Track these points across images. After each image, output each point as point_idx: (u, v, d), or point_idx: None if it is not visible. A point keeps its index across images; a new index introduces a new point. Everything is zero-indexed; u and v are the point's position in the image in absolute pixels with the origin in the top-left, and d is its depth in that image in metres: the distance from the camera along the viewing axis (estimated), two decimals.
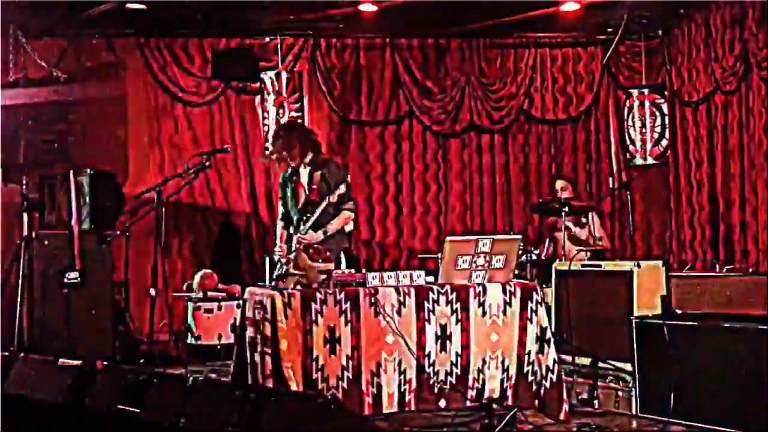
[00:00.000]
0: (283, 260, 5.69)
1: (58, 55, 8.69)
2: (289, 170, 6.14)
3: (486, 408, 5.25)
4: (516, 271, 5.84)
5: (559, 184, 8.30)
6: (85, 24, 8.51)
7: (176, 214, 9.07)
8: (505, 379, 5.31)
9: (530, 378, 5.38)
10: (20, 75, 8.51)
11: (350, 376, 5.02)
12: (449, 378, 5.22)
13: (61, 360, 4.39)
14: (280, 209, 6.28)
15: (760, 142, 7.97)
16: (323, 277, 5.22)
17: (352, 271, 5.52)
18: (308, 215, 5.84)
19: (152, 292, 6.36)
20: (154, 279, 6.36)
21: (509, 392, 5.33)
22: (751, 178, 8.12)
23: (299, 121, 8.64)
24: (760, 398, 4.94)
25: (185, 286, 8.56)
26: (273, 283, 5.49)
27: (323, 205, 5.75)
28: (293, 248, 5.70)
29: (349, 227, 6.10)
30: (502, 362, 5.31)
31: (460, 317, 5.25)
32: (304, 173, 6.08)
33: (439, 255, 5.48)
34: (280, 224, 6.27)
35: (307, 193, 5.97)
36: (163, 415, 3.72)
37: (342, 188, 5.70)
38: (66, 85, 8.65)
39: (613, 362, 5.88)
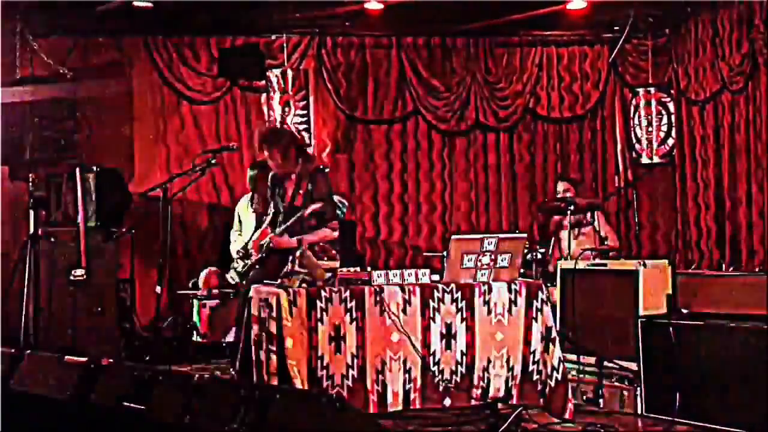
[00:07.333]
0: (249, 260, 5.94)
1: (65, 52, 8.70)
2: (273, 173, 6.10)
3: (491, 407, 5.26)
4: (521, 270, 5.83)
5: (561, 186, 8.25)
6: (91, 22, 8.51)
7: (182, 211, 9.08)
8: (510, 378, 5.31)
9: (535, 377, 5.37)
10: (27, 73, 8.52)
11: (355, 375, 5.02)
12: (454, 377, 5.21)
13: (66, 357, 4.40)
14: (270, 209, 6.19)
15: (767, 141, 7.94)
16: (328, 275, 5.22)
17: (357, 269, 5.51)
18: (289, 218, 5.82)
19: (158, 289, 6.36)
20: (159, 276, 6.37)
21: (514, 391, 5.33)
22: (758, 178, 8.10)
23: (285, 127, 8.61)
24: (766, 398, 4.93)
25: (190, 284, 8.56)
26: (279, 281, 5.50)
27: (296, 216, 5.73)
28: (266, 246, 5.83)
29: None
30: (507, 361, 5.31)
31: (465, 316, 5.24)
32: (292, 179, 6.05)
33: (445, 253, 5.48)
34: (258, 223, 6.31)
35: (293, 198, 5.92)
36: (168, 412, 3.73)
37: (317, 205, 5.70)
38: (72, 82, 8.66)
39: (618, 361, 5.88)
